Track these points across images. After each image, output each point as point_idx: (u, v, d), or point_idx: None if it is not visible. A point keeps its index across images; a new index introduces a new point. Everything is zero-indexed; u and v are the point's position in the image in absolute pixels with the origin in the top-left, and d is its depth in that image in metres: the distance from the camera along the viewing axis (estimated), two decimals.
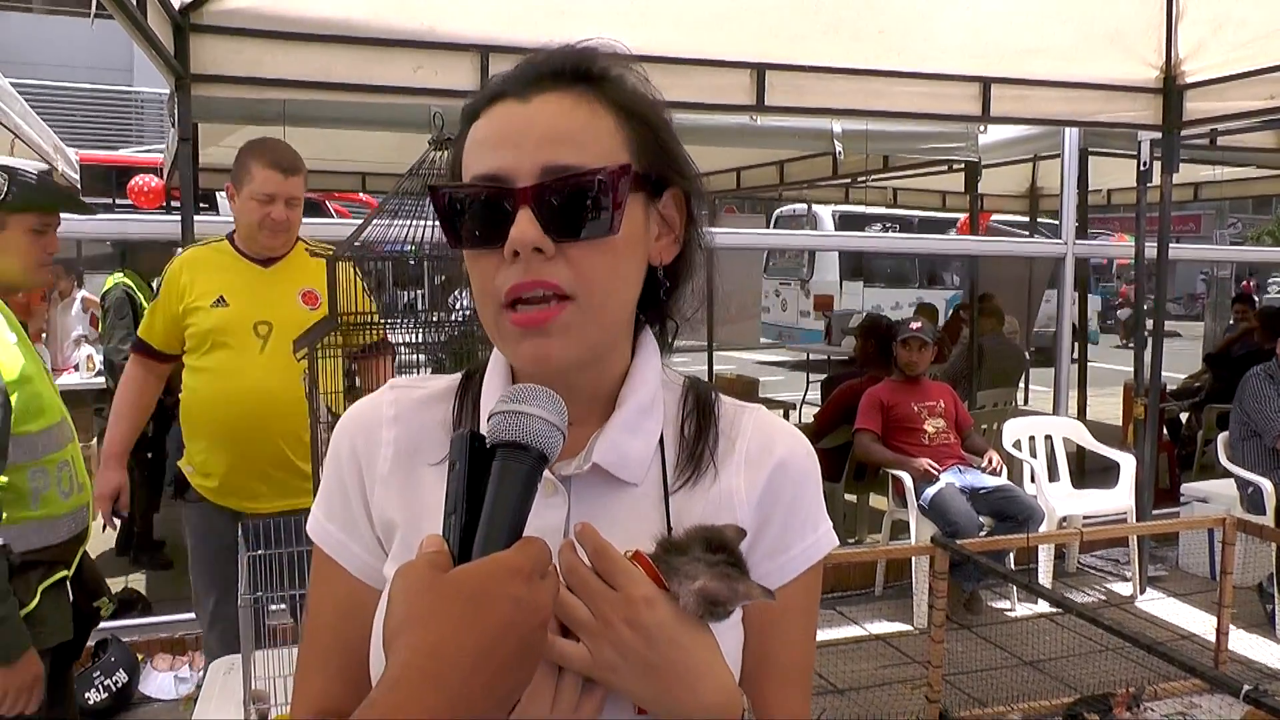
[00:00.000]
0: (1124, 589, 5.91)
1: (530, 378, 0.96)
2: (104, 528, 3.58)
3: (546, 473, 0.94)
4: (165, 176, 8.85)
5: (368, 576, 1.03)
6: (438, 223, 0.98)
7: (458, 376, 1.09)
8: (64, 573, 2.54)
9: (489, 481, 0.84)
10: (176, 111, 4.22)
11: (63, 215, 2.82)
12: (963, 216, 11.65)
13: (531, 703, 0.84)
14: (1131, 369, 6.13)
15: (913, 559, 5.42)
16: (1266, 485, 5.52)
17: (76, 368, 8.00)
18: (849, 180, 10.54)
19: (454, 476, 0.85)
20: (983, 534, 5.23)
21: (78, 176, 9.93)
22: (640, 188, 0.96)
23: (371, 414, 1.06)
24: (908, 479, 5.50)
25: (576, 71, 0.97)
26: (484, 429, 0.88)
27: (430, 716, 0.73)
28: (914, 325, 5.80)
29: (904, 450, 5.61)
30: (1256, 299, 13.32)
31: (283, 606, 2.36)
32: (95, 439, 7.26)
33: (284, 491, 3.26)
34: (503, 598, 0.78)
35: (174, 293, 3.31)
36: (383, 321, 2.62)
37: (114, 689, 4.19)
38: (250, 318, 3.23)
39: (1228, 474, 5.91)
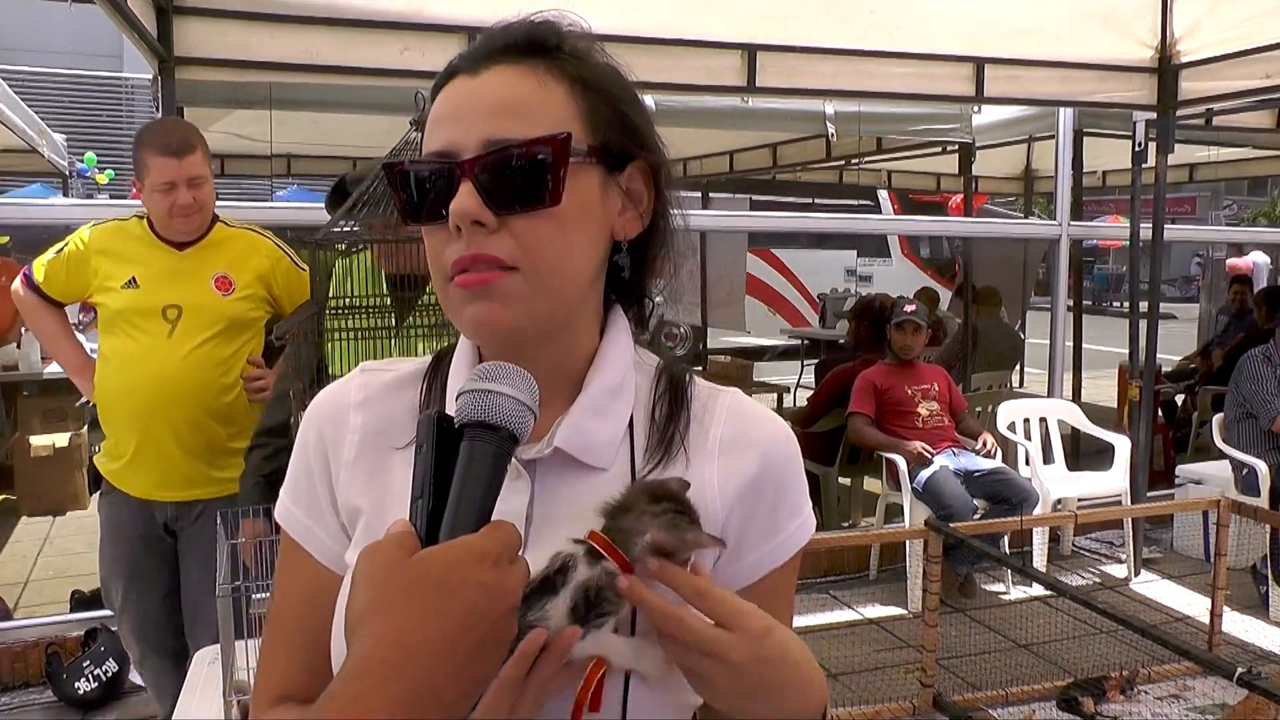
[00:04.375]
0: (1118, 571, 5.91)
1: (492, 354, 0.95)
2: None
3: None
4: None
5: (332, 562, 1.02)
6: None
7: (428, 359, 1.07)
8: None
9: (457, 464, 0.81)
10: (160, 95, 4.18)
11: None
12: None
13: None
14: (1126, 351, 6.11)
15: (907, 543, 5.42)
16: (1261, 467, 5.51)
17: None
18: (842, 162, 10.52)
19: (421, 459, 0.83)
20: (977, 517, 5.22)
21: (65, 163, 9.87)
22: (596, 159, 0.94)
23: (339, 398, 1.05)
24: (902, 462, 5.48)
25: (530, 44, 0.95)
26: (452, 410, 0.85)
27: (393, 707, 0.71)
28: (908, 308, 5.78)
29: (898, 433, 5.60)
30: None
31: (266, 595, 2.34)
32: (85, 426, 7.25)
33: (192, 481, 3.24)
34: (470, 584, 0.75)
35: (85, 267, 3.26)
36: (367, 307, 2.60)
37: (104, 678, 4.18)
38: (160, 301, 3.18)
39: (1222, 456, 5.90)
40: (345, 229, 2.41)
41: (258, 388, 3.35)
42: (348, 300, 2.58)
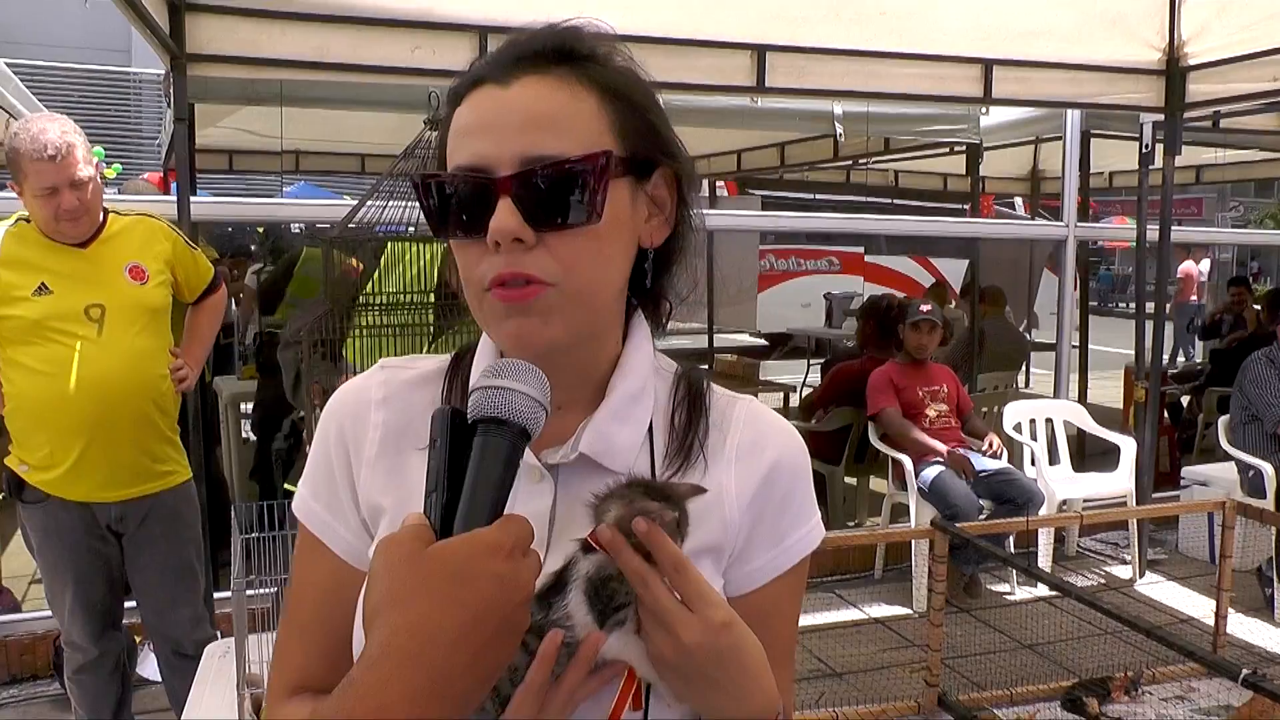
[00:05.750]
0: (1123, 572, 5.91)
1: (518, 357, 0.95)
2: None
3: (533, 460, 0.94)
4: (163, 158, 8.82)
5: (352, 558, 1.03)
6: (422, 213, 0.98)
7: (449, 357, 1.08)
8: None
9: (470, 458, 0.83)
10: (172, 92, 4.19)
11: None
12: None
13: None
14: (1132, 352, 6.12)
15: (912, 542, 5.42)
16: (1267, 469, 5.51)
17: None
18: (850, 163, 10.51)
19: (435, 454, 0.84)
20: (982, 517, 5.23)
21: None
22: (626, 170, 0.94)
23: (360, 395, 1.05)
24: (908, 462, 5.48)
25: (559, 52, 0.95)
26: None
27: (411, 695, 0.72)
28: (924, 308, 5.76)
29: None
30: (1255, 284, 13.37)
31: (271, 590, 2.36)
32: None
33: (137, 476, 3.23)
34: (485, 575, 0.77)
35: None
36: (378, 304, 2.62)
37: None
38: (80, 302, 3.10)
39: (1228, 457, 5.91)
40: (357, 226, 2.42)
41: (181, 377, 3.34)
42: (388, 295, 2.59)
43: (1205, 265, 17.22)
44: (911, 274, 15.36)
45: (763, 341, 13.08)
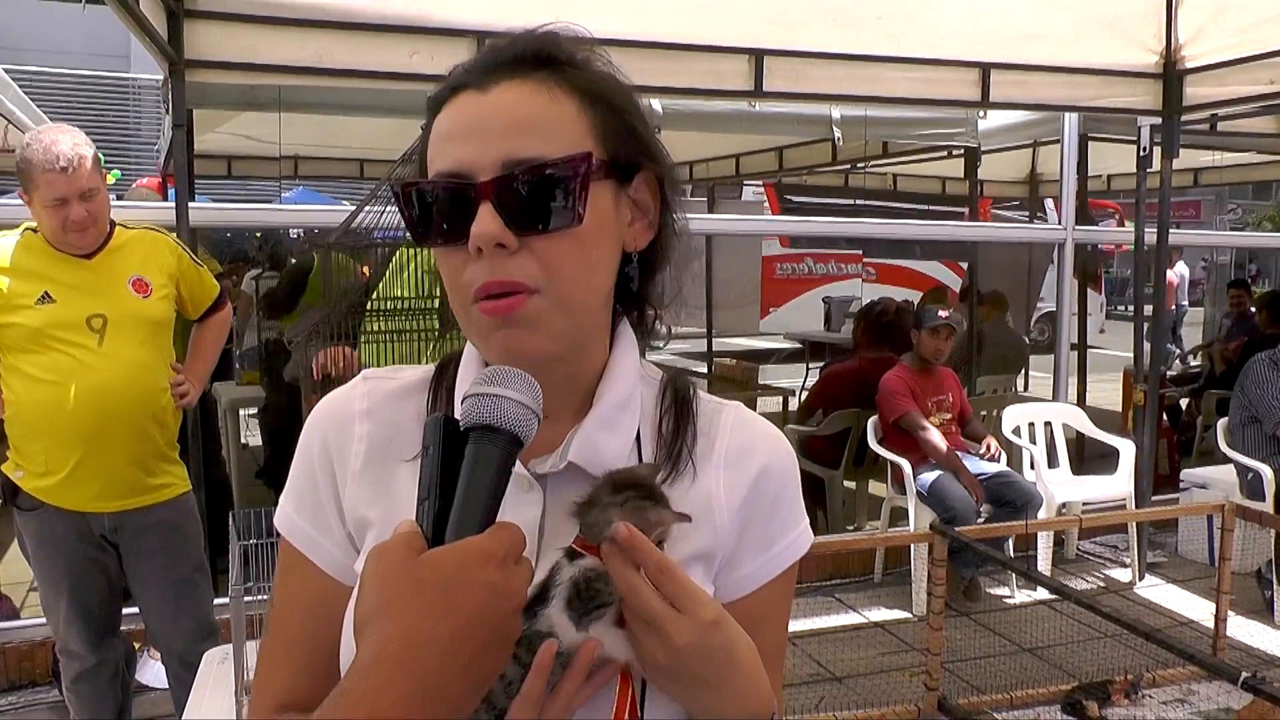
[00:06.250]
0: (1123, 575, 5.91)
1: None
2: None
3: (522, 470, 0.94)
4: (162, 163, 8.83)
5: (338, 573, 1.01)
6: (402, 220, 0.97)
7: (432, 367, 1.07)
8: None
9: (462, 466, 0.83)
10: (171, 98, 4.20)
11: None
12: None
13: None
14: (1131, 354, 6.12)
15: (911, 546, 5.42)
16: (1266, 471, 5.51)
17: None
18: (848, 166, 10.52)
19: (427, 461, 0.84)
20: (981, 521, 5.22)
21: None
22: (608, 174, 0.94)
23: (343, 407, 1.04)
24: (906, 465, 5.48)
25: (537, 57, 0.95)
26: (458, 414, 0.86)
27: (403, 703, 0.72)
28: (942, 313, 5.73)
29: (906, 441, 5.58)
30: (1255, 286, 13.41)
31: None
32: None
33: (132, 489, 3.23)
34: (477, 584, 0.77)
35: None
36: (386, 309, 2.62)
37: None
38: (82, 312, 3.12)
39: (1227, 460, 5.90)
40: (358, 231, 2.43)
41: (181, 393, 3.33)
42: (390, 301, 2.59)
43: (1182, 267, 17.47)
44: (945, 279, 15.39)
45: (797, 345, 13.07)
